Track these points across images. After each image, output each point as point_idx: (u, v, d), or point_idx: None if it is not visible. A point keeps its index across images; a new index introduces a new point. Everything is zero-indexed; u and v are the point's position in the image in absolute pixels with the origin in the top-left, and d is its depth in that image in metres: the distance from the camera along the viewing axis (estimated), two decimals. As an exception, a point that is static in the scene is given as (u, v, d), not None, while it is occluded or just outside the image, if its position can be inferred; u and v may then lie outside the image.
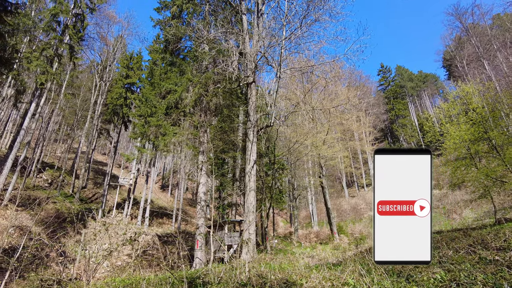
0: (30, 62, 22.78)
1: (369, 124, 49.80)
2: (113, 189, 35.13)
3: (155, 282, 6.99)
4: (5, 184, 20.41)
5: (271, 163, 19.37)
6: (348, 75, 36.84)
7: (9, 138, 38.49)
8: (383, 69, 69.41)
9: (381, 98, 64.12)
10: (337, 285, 5.59)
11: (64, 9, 22.72)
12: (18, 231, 17.57)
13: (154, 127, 20.78)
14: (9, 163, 19.52)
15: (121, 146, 61.83)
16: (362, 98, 50.71)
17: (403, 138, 59.40)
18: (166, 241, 24.33)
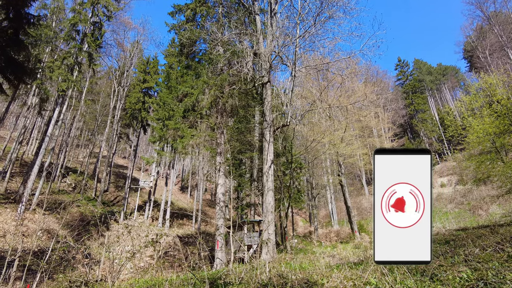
0: (52, 71, 23.61)
1: (387, 120, 48.80)
2: (134, 191, 35.92)
3: (178, 283, 7.09)
4: (33, 189, 21.21)
5: (288, 163, 19.29)
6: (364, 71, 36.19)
7: (35, 144, 40.00)
8: (401, 63, 67.82)
9: (399, 93, 62.62)
10: (359, 285, 5.52)
11: (82, 18, 23.41)
12: (46, 234, 18.23)
13: (172, 130, 21.08)
14: (36, 169, 20.27)
15: (141, 150, 63.10)
16: (379, 93, 49.74)
17: (423, 133, 57.85)
18: (187, 242, 24.66)
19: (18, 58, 14.07)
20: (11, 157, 25.93)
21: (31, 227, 17.99)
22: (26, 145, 39.44)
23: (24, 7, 12.74)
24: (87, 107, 41.14)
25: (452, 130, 46.14)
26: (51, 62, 26.04)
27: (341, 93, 21.87)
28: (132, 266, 15.32)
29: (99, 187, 32.88)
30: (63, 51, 26.60)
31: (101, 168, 38.41)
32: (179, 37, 18.79)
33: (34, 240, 15.73)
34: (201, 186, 38.41)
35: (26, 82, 17.37)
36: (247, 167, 24.37)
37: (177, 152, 27.18)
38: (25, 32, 13.60)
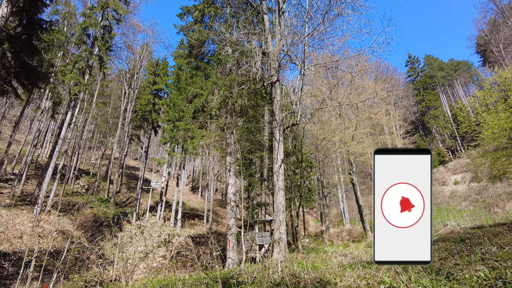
0: (64, 75, 24.03)
1: (399, 117, 48.11)
2: (146, 192, 36.31)
3: (190, 283, 7.14)
4: (47, 191, 21.64)
5: (298, 162, 19.22)
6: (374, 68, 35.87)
7: (49, 147, 40.83)
8: (411, 60, 66.84)
9: (410, 89, 61.70)
10: (373, 284, 5.46)
11: (93, 22, 23.77)
12: (60, 235, 18.58)
13: (182, 131, 21.23)
14: (50, 171, 20.68)
15: (152, 151, 63.74)
16: (390, 90, 49.10)
17: (435, 130, 56.89)
18: (199, 242, 24.82)
19: (32, 63, 14.37)
20: (26, 160, 26.51)
21: (47, 228, 18.36)
22: (41, 148, 40.28)
23: (37, 13, 12.99)
24: (99, 110, 41.73)
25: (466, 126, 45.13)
26: (63, 66, 26.53)
27: (351, 90, 21.66)
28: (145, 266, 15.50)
29: (112, 189, 33.34)
30: (75, 55, 27.05)
31: (113, 169, 38.95)
32: (188, 39, 18.90)
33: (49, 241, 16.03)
34: (212, 186, 38.60)
35: (40, 87, 17.74)
36: (257, 167, 24.38)
37: (188, 152, 27.36)
38: (38, 38, 13.87)
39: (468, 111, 46.05)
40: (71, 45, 28.86)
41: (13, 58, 13.00)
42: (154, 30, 46.75)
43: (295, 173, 21.10)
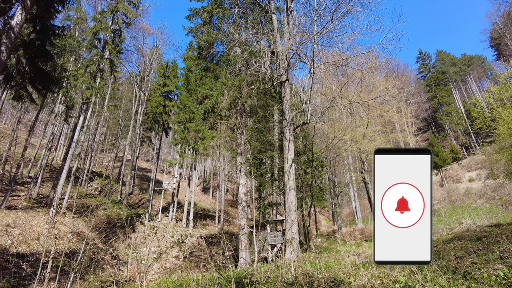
0: (76, 79, 24.44)
1: (410, 114, 47.44)
2: (158, 193, 36.65)
3: (204, 283, 7.18)
4: (62, 193, 22.06)
5: (309, 161, 19.14)
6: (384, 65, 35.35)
7: (62, 150, 41.62)
8: (422, 56, 65.74)
9: (422, 86, 60.69)
10: (387, 283, 5.41)
11: (103, 27, 24.12)
12: (75, 236, 18.91)
13: (193, 132, 21.37)
14: (64, 174, 21.06)
15: (163, 152, 64.33)
16: (401, 87, 48.43)
17: (448, 126, 55.84)
18: (211, 242, 24.93)
19: (46, 68, 14.66)
20: (41, 163, 27.08)
21: (62, 229, 18.72)
22: (55, 151, 41.08)
23: (49, 19, 13.25)
24: (110, 113, 42.37)
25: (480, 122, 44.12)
26: (75, 71, 26.98)
27: (361, 88, 21.44)
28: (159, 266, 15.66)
29: (124, 190, 33.77)
30: (86, 59, 27.48)
31: (125, 171, 39.46)
32: (197, 40, 19.01)
33: (65, 242, 16.38)
34: (223, 186, 38.73)
35: (53, 91, 18.11)
36: (268, 167, 24.36)
37: (199, 153, 27.53)
38: (51, 43, 14.14)
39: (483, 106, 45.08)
40: (82, 49, 29.32)
41: (27, 64, 13.29)
42: (163, 33, 47.27)
43: (306, 173, 21.01)
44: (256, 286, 6.25)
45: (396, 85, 41.35)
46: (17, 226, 16.81)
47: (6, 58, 10.22)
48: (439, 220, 23.54)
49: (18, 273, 11.27)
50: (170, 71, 35.65)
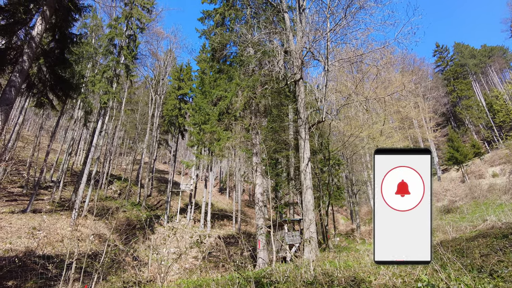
0: (94, 85, 25.05)
1: (428, 109, 46.35)
2: (176, 195, 37.13)
3: (223, 283, 7.22)
4: (83, 196, 22.63)
5: (326, 159, 18.97)
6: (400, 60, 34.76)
7: (82, 155, 42.75)
8: (439, 49, 64.04)
9: (440, 80, 59.06)
10: (409, 282, 5.32)
11: (118, 33, 24.61)
12: (97, 238, 19.37)
13: (208, 133, 21.57)
14: (84, 178, 21.60)
15: (180, 154, 65.11)
16: (418, 82, 47.42)
17: (468, 120, 54.21)
18: (229, 242, 25.06)
19: (65, 76, 15.09)
20: (63, 167, 27.87)
21: (84, 232, 19.20)
22: (75, 155, 42.20)
23: (67, 28, 13.63)
24: (127, 117, 43.21)
25: (503, 115, 42.76)
26: (93, 77, 27.65)
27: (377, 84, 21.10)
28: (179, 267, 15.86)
29: (143, 192, 34.37)
30: (103, 65, 28.10)
31: (143, 174, 40.15)
32: (210, 42, 19.17)
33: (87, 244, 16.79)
34: (239, 187, 38.87)
35: (72, 97, 18.64)
36: (284, 166, 24.28)
37: (214, 154, 27.75)
38: (69, 51, 14.54)
39: (505, 99, 43.63)
40: (99, 56, 30.02)
41: (48, 72, 13.72)
42: (177, 36, 47.82)
43: (323, 171, 20.83)
44: (276, 286, 6.25)
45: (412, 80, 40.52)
46: (42, 229, 17.37)
47: (28, 67, 10.58)
48: (462, 217, 22.85)
49: (44, 274, 11.64)
50: (185, 74, 36.06)
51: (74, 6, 13.04)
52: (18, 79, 10.17)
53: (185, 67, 36.67)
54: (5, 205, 20.03)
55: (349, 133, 18.80)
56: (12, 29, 11.58)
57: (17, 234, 15.93)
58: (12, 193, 23.38)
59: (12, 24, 11.48)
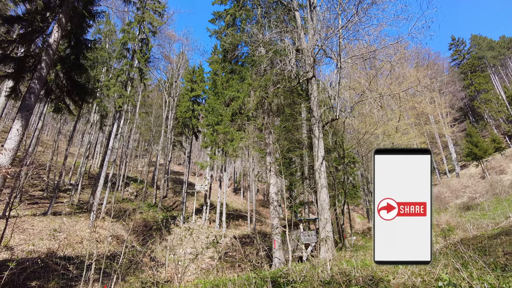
0: (108, 89, 25.53)
1: (445, 104, 45.29)
2: (191, 196, 37.46)
3: (240, 283, 7.23)
4: (100, 198, 23.10)
5: (340, 158, 18.76)
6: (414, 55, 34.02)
7: (98, 158, 43.64)
8: (455, 42, 62.37)
9: (456, 74, 57.52)
10: (429, 281, 5.21)
11: (131, 37, 24.99)
12: (115, 239, 19.73)
13: (222, 134, 21.65)
14: (102, 181, 22.03)
15: (194, 155, 65.65)
16: (433, 77, 46.44)
17: (487, 115, 52.65)
18: (244, 242, 25.10)
19: (81, 81, 15.43)
20: (80, 171, 28.52)
21: (102, 233, 19.57)
22: (92, 159, 43.13)
23: (82, 34, 13.94)
24: (142, 120, 43.87)
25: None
26: (107, 81, 28.18)
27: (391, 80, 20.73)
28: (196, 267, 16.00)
29: (159, 194, 34.81)
30: (117, 69, 28.60)
31: (159, 175, 40.67)
32: (222, 43, 19.25)
33: (106, 246, 17.12)
34: (253, 187, 38.90)
35: (88, 102, 19.04)
36: (298, 165, 24.16)
37: (228, 155, 27.84)
38: (84, 56, 14.87)
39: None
40: (113, 60, 30.57)
41: (64, 78, 14.06)
42: (189, 38, 48.46)
43: (338, 170, 20.62)
44: (293, 285, 6.22)
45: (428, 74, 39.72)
46: (62, 230, 17.81)
47: (46, 73, 10.85)
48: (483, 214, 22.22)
49: (65, 274, 11.94)
50: (197, 75, 36.34)
51: (88, 12, 13.31)
52: (37, 86, 10.45)
53: (197, 69, 36.95)
54: (27, 208, 20.64)
55: (364, 131, 18.54)
56: (30, 37, 11.92)
57: (39, 236, 16.38)
58: (34, 196, 24.07)
59: (30, 33, 11.81)
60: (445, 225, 22.53)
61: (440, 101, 44.51)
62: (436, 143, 47.84)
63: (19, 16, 11.73)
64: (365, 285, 5.56)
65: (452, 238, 14.95)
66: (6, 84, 15.67)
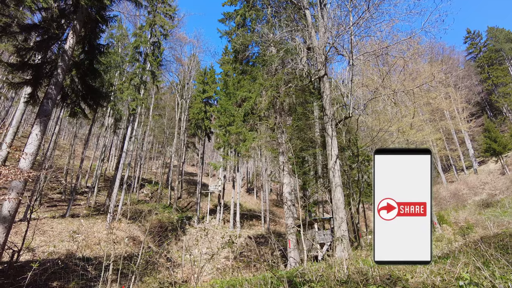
0: (122, 92, 25.94)
1: (461, 99, 44.26)
2: (205, 196, 37.72)
3: (256, 282, 7.23)
4: (116, 200, 23.48)
5: (354, 156, 18.56)
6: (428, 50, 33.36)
7: (114, 161, 44.40)
8: (471, 35, 60.78)
9: (472, 68, 56.03)
10: (449, 280, 5.09)
11: (143, 40, 25.34)
12: (131, 240, 20.03)
13: (234, 135, 21.73)
14: (117, 183, 22.39)
15: (207, 156, 66.07)
16: (448, 72, 45.48)
17: (506, 109, 51.13)
18: (258, 242, 25.11)
19: (95, 85, 15.72)
20: (96, 173, 29.08)
21: (119, 234, 19.88)
22: (107, 161, 43.93)
23: (96, 39, 14.20)
24: (155, 122, 44.43)
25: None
26: (121, 84, 28.66)
27: (405, 76, 20.40)
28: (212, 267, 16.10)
29: (173, 195, 35.18)
30: (129, 72, 29.04)
31: (173, 177, 41.10)
32: (232, 45, 19.31)
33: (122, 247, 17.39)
34: (267, 186, 38.89)
35: (103, 105, 19.37)
36: (311, 164, 24.00)
37: (241, 155, 27.93)
38: (98, 61, 15.15)
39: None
40: (126, 64, 31.06)
41: (79, 83, 14.36)
42: (199, 40, 48.72)
43: (352, 168, 20.41)
44: (310, 285, 6.18)
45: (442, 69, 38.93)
46: (80, 232, 18.20)
47: (62, 79, 11.10)
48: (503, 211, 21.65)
49: (85, 275, 12.18)
50: (209, 77, 36.58)
51: (101, 17, 13.54)
52: (54, 91, 10.71)
53: (208, 70, 37.19)
54: (47, 211, 21.17)
55: (378, 128, 18.29)
56: (46, 44, 12.22)
57: (59, 237, 16.78)
58: (52, 199, 24.68)
59: (46, 40, 12.11)
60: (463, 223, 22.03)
61: (456, 96, 43.53)
62: (453, 139, 46.79)
63: (36, 24, 12.05)
64: (382, 284, 5.48)
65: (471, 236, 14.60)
66: (24, 90, 16.13)
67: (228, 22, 20.63)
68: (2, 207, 9.05)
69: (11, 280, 9.69)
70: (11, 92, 30.22)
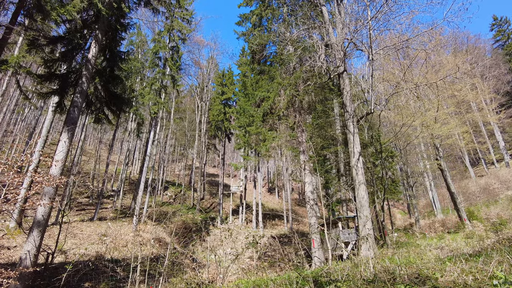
0: (143, 97, 26.52)
1: (488, 90, 42.40)
2: (227, 197, 38.03)
3: (281, 282, 7.22)
4: (141, 203, 24.04)
5: (377, 152, 18.19)
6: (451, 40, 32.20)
7: (137, 164, 45.53)
8: (497, 22, 57.99)
9: (500, 56, 53.42)
10: (482, 279, 4.89)
11: (162, 46, 25.83)
12: (157, 242, 20.46)
13: (254, 135, 21.80)
14: (142, 186, 22.92)
15: (227, 157, 66.61)
16: (474, 62, 43.71)
17: (540, 97, 48.63)
18: (282, 242, 25.05)
19: (117, 91, 16.19)
20: (121, 177, 29.89)
21: (145, 236, 20.37)
22: (131, 165, 45.08)
23: (116, 46, 14.61)
24: (177, 125, 45.24)
25: None
26: (142, 89, 29.32)
27: (427, 69, 19.77)
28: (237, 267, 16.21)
29: (196, 196, 35.65)
30: (150, 77, 29.66)
31: (195, 178, 41.69)
32: (249, 45, 19.37)
33: (149, 248, 17.82)
34: (288, 186, 38.73)
35: (125, 111, 19.91)
36: (333, 162, 23.73)
37: (261, 155, 27.95)
38: (119, 68, 15.57)
39: None
40: (146, 69, 31.78)
41: (102, 90, 14.81)
42: (217, 42, 49.05)
43: (375, 165, 20.01)
44: (336, 284, 6.11)
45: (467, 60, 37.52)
46: (108, 235, 18.77)
47: (87, 87, 11.50)
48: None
49: (114, 276, 12.56)
50: (227, 79, 36.88)
51: (121, 25, 13.93)
52: (79, 99, 11.10)
53: (226, 72, 37.50)
54: (76, 214, 21.98)
55: (401, 123, 17.82)
56: (71, 54, 12.70)
57: (88, 240, 17.38)
58: (81, 203, 25.59)
59: (71, 50, 12.58)
60: (496, 219, 21.09)
61: (483, 86, 41.78)
62: (481, 131, 44.93)
63: (61, 35, 12.53)
64: (411, 283, 5.34)
65: (505, 233, 13.96)
66: (52, 99, 16.81)
67: (244, 23, 20.72)
68: (37, 212, 9.48)
69: (47, 281, 10.13)
70: (40, 101, 31.60)
